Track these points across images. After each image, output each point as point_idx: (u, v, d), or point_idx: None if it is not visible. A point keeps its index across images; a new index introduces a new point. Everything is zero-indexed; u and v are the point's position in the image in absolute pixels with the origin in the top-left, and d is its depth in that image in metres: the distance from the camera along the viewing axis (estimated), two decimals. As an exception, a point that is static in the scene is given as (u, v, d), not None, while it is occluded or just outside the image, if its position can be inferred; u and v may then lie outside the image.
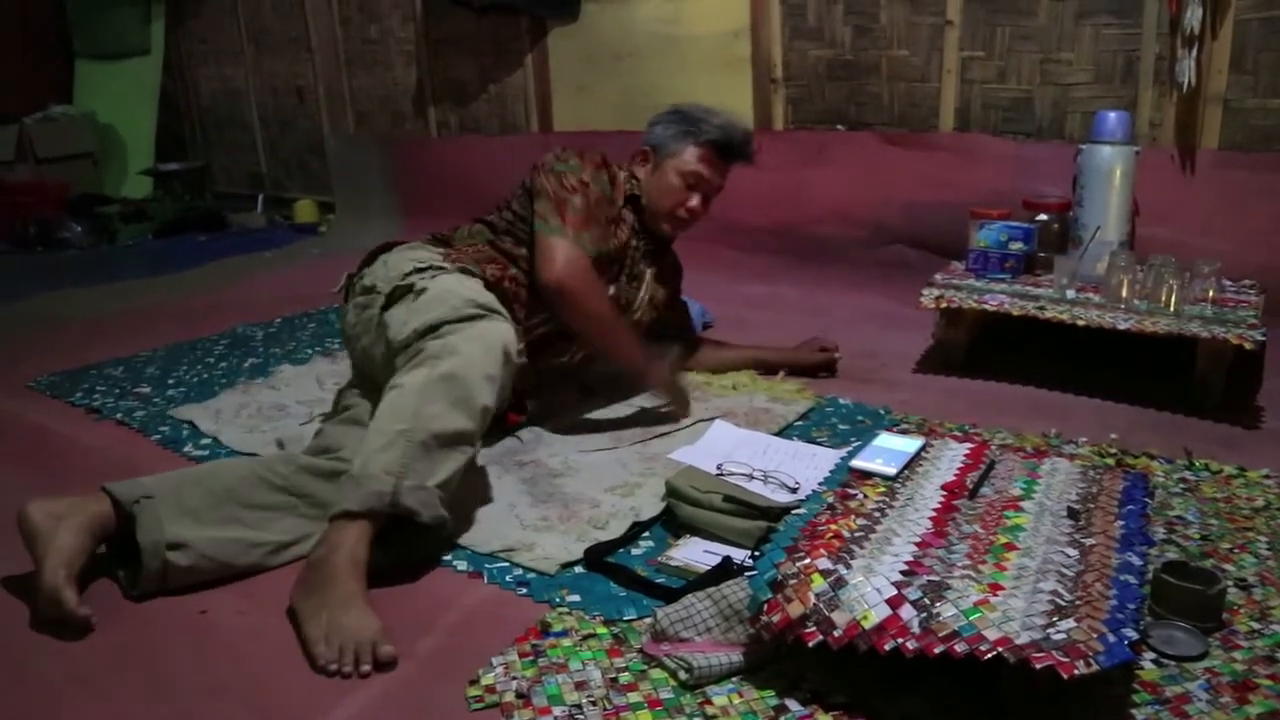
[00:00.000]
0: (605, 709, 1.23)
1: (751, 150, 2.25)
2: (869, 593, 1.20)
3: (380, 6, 4.68)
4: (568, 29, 4.04)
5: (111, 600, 1.53)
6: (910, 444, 1.66)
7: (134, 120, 5.68)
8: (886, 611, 1.18)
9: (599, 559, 1.58)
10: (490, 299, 1.77)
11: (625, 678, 1.29)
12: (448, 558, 1.62)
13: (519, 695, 1.26)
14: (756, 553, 1.49)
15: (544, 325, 2.07)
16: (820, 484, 1.56)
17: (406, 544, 1.56)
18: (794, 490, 1.71)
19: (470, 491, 1.79)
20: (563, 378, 2.25)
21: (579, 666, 1.32)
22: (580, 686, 1.27)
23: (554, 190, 2.01)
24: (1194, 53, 2.78)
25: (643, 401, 2.22)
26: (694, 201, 2.21)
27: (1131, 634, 1.14)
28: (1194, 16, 2.74)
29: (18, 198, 4.99)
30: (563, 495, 1.81)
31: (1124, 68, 2.97)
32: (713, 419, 2.11)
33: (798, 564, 1.27)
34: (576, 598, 1.49)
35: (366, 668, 1.31)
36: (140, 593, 1.50)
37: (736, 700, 1.24)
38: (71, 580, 1.42)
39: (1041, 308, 2.31)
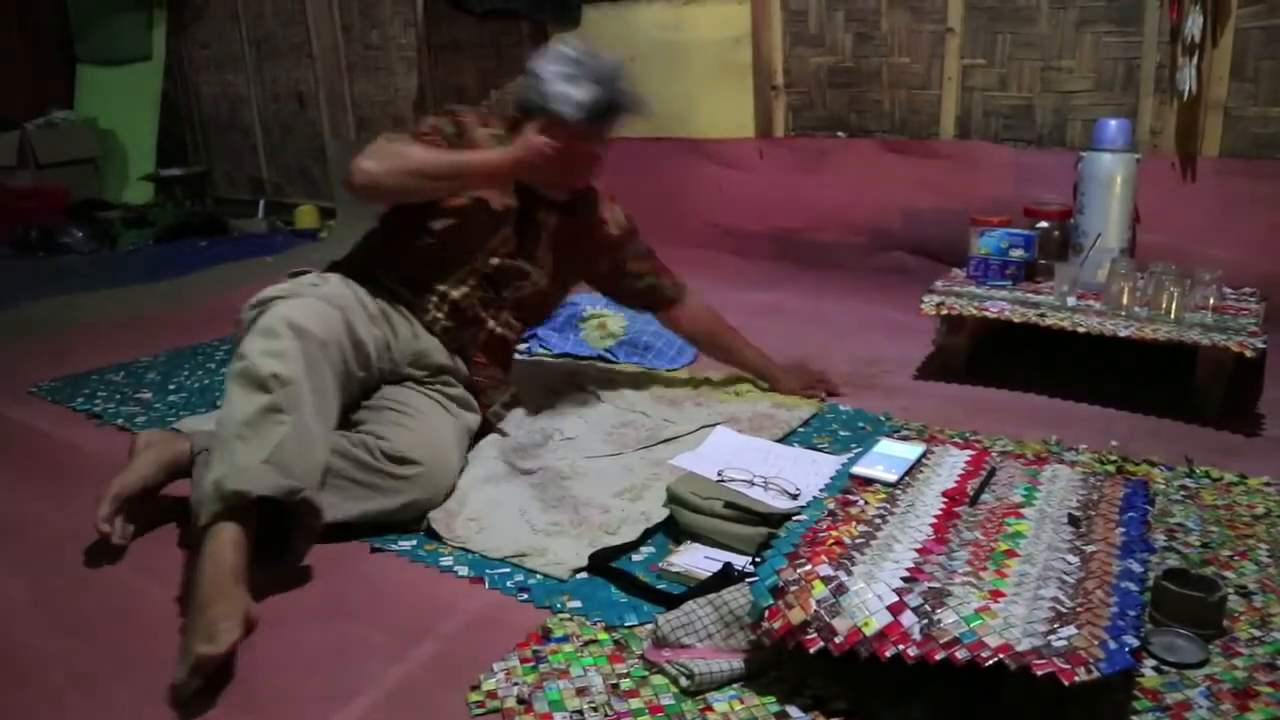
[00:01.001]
0: (606, 715, 1.23)
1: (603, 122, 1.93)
2: (870, 599, 1.21)
3: (381, 12, 4.69)
4: (568, 34, 4.06)
5: (113, 603, 1.54)
6: (911, 451, 1.66)
7: (135, 125, 5.69)
8: (888, 618, 1.18)
9: (603, 563, 1.58)
10: (301, 282, 1.80)
11: (626, 684, 1.29)
12: (449, 562, 1.62)
13: (520, 701, 1.26)
14: (757, 559, 1.49)
15: (468, 278, 1.99)
16: (821, 490, 1.57)
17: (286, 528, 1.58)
18: (795, 496, 1.71)
19: (479, 497, 1.80)
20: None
21: (580, 672, 1.32)
22: (582, 692, 1.27)
23: None
24: (1195, 61, 2.79)
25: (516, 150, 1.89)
26: (573, 169, 1.98)
27: (1132, 641, 1.14)
28: (1194, 25, 2.75)
29: (19, 203, 5.00)
30: (573, 499, 1.81)
31: (1125, 75, 2.98)
32: (715, 425, 2.11)
33: (799, 570, 1.27)
34: (578, 604, 1.49)
35: (197, 683, 1.29)
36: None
37: (738, 706, 1.24)
38: (119, 500, 1.67)
39: (1042, 315, 2.32)
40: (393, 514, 1.72)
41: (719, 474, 1.78)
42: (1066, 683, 1.07)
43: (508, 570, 1.60)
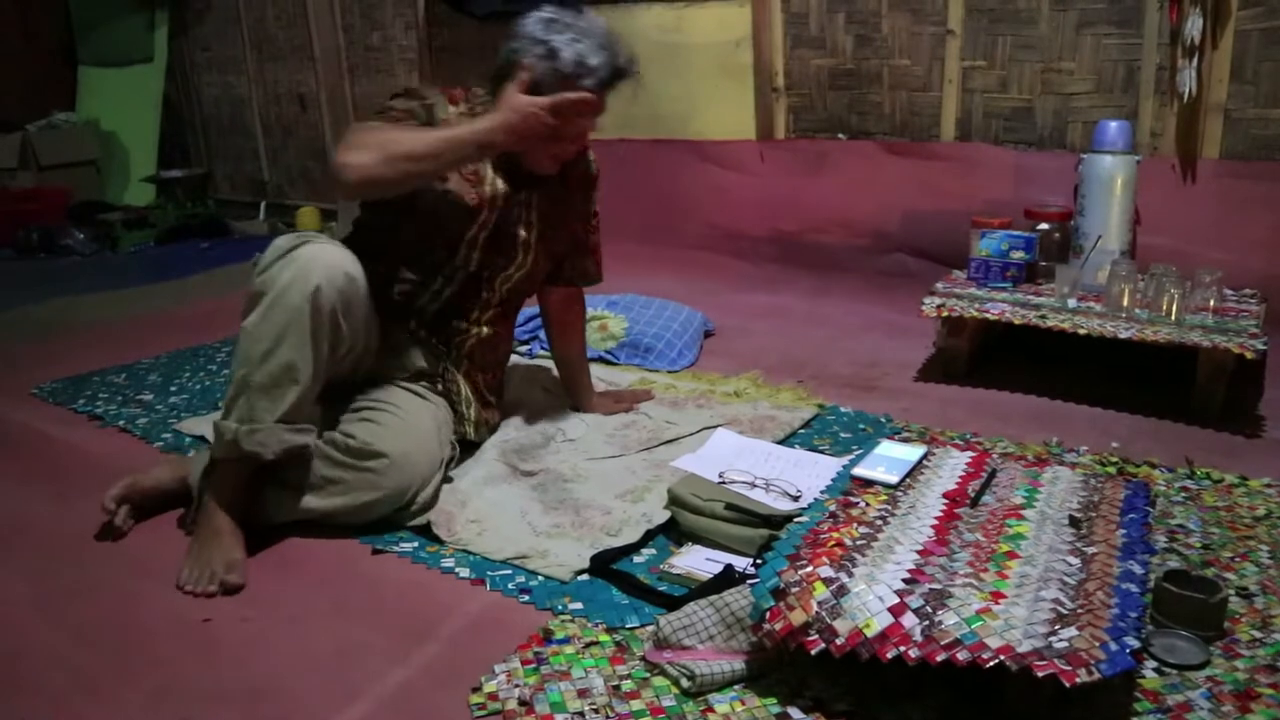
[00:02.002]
0: (608, 716, 1.23)
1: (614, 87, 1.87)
2: (871, 601, 1.21)
3: (383, 14, 4.70)
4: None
5: (115, 605, 1.54)
6: (912, 452, 1.66)
7: (137, 127, 5.70)
8: (889, 619, 1.18)
9: (604, 565, 1.58)
10: (313, 234, 1.76)
11: (628, 685, 1.29)
12: (450, 564, 1.62)
13: (521, 703, 1.26)
14: (759, 560, 1.49)
15: (449, 282, 1.92)
16: (822, 492, 1.57)
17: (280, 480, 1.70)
18: (796, 498, 1.71)
19: (480, 499, 1.80)
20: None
21: (581, 674, 1.32)
22: (583, 694, 1.27)
23: None
24: (1194, 63, 2.79)
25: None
26: (576, 140, 1.92)
27: (1133, 642, 1.14)
28: (1194, 27, 2.75)
29: (20, 205, 5.00)
30: (574, 501, 1.81)
31: (1125, 77, 2.98)
32: (716, 426, 2.12)
33: (800, 572, 1.27)
34: (579, 605, 1.49)
35: (213, 588, 1.55)
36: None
37: (739, 708, 1.24)
38: (130, 488, 1.78)
39: (1043, 317, 2.32)
40: (366, 508, 1.71)
41: (720, 476, 1.78)
42: (1068, 684, 1.07)
43: (509, 572, 1.60)
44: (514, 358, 2.34)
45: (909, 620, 1.18)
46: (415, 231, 1.87)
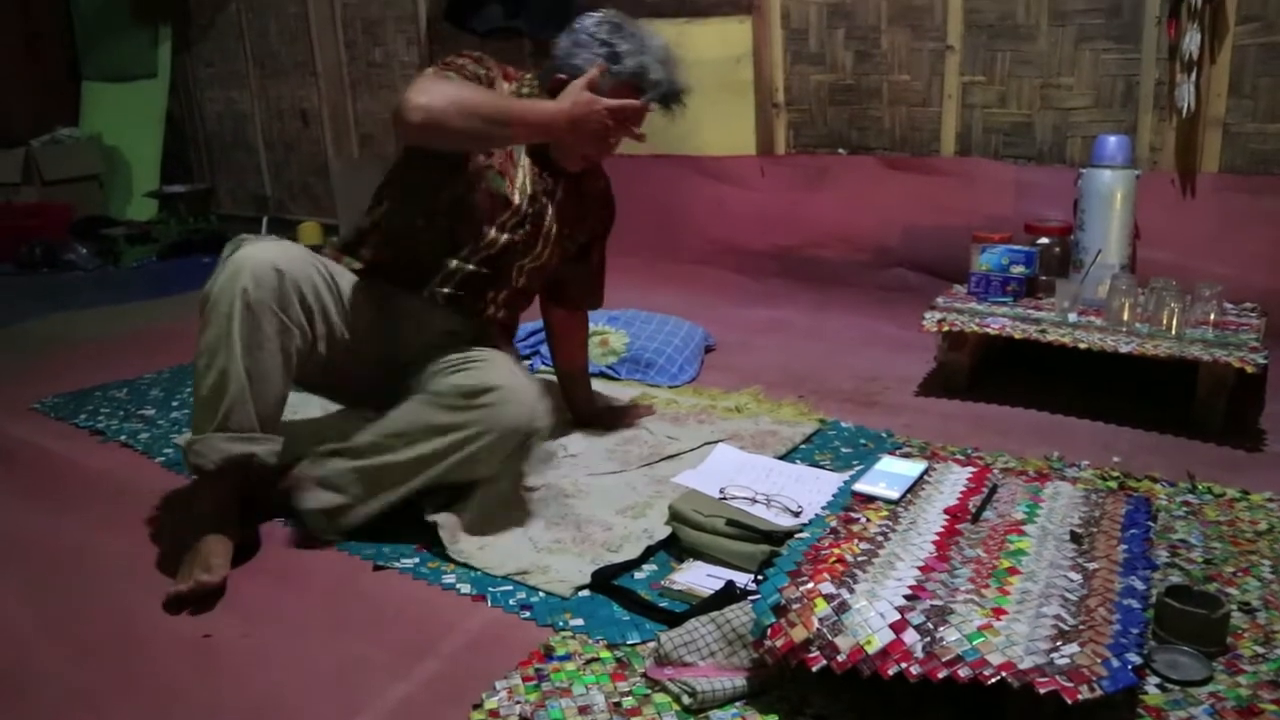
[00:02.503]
0: (609, 733, 1.23)
1: (672, 102, 1.90)
2: (872, 617, 1.21)
3: (385, 30, 4.72)
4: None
5: (116, 622, 1.54)
6: (913, 468, 1.66)
7: (140, 143, 5.72)
8: (890, 636, 1.18)
9: (605, 581, 1.58)
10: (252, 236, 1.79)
11: (629, 702, 1.29)
12: (451, 580, 1.62)
13: (523, 719, 1.25)
14: (760, 577, 1.49)
15: (470, 259, 1.89)
16: (823, 508, 1.57)
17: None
18: (797, 514, 1.71)
19: (481, 513, 1.79)
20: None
21: (583, 690, 1.31)
22: (584, 710, 1.27)
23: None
24: (1193, 78, 2.80)
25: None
26: (610, 144, 1.91)
27: (1135, 658, 1.14)
28: (1193, 42, 2.76)
29: (23, 220, 5.01)
30: (575, 517, 1.81)
31: (1124, 92, 2.99)
32: (718, 442, 2.12)
33: (801, 588, 1.27)
34: (580, 621, 1.49)
35: (183, 587, 1.56)
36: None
37: (740, 725, 1.24)
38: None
39: (1043, 331, 2.32)
40: (492, 448, 1.69)
41: (721, 491, 1.78)
42: (1070, 701, 1.07)
43: (510, 588, 1.60)
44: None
45: (910, 637, 1.18)
46: (451, 199, 1.84)
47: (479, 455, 1.70)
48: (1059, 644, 1.15)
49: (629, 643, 1.43)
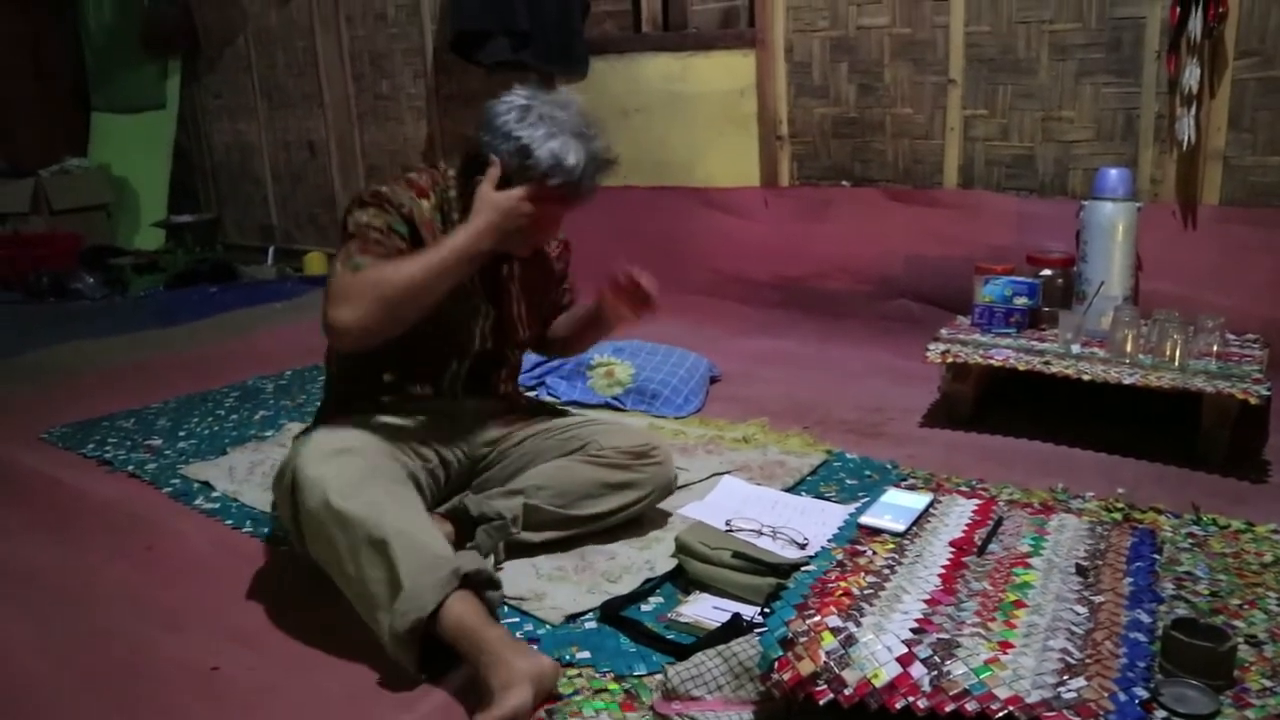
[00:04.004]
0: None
1: (593, 182, 1.75)
2: (879, 650, 1.21)
3: (392, 63, 4.77)
4: (576, 86, 4.11)
5: (123, 652, 1.54)
6: (918, 500, 1.67)
7: (148, 173, 5.77)
8: (897, 669, 1.19)
9: (614, 613, 1.59)
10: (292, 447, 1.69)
11: (636, 735, 1.29)
12: (458, 612, 1.62)
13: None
14: (766, 610, 1.49)
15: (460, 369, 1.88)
16: (829, 540, 1.57)
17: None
18: (803, 546, 1.71)
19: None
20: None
21: (592, 714, 1.33)
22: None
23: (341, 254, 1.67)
24: (1193, 111, 2.82)
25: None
26: (552, 230, 1.84)
27: (1142, 692, 1.14)
28: (1192, 76, 2.79)
29: (31, 249, 5.05)
30: (580, 546, 1.83)
31: (1124, 125, 3.02)
32: (724, 473, 2.12)
33: (808, 621, 1.27)
34: (586, 654, 1.49)
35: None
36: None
37: (748, 759, 1.24)
38: None
39: (1047, 363, 2.33)
40: (655, 499, 1.91)
41: (727, 523, 1.79)
42: (1077, 735, 1.07)
43: (517, 619, 1.60)
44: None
45: (917, 670, 1.18)
46: (424, 339, 1.77)
47: (645, 509, 1.89)
48: (1066, 678, 1.15)
49: (636, 674, 1.43)
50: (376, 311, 1.58)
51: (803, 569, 1.47)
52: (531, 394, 2.68)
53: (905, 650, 1.20)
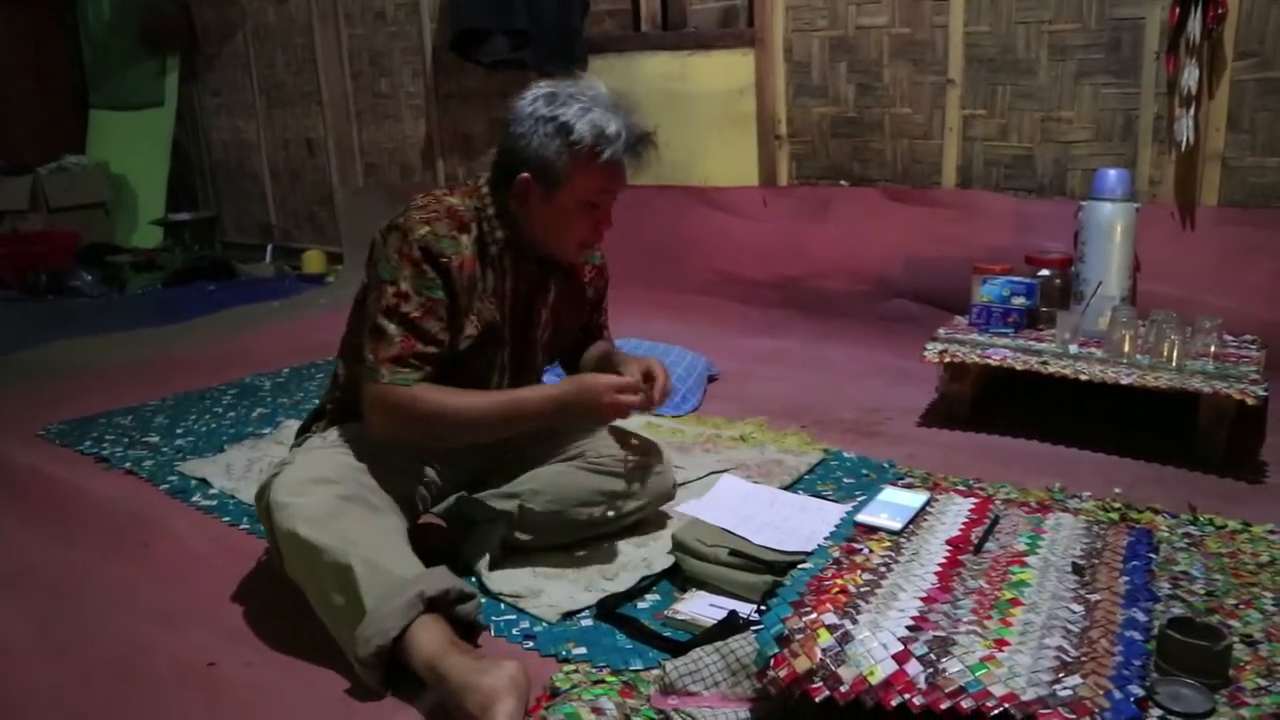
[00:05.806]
0: (627, 716, 1.25)
1: (640, 150, 1.69)
2: (875, 648, 1.21)
3: (391, 61, 4.77)
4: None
5: (120, 649, 1.54)
6: (915, 499, 1.67)
7: (146, 171, 5.76)
8: (893, 667, 1.19)
9: (611, 610, 1.59)
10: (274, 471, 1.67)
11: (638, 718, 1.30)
12: (454, 609, 1.62)
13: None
14: (763, 607, 1.49)
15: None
16: (826, 538, 1.57)
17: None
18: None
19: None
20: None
21: (592, 698, 1.33)
22: (597, 711, 1.29)
23: (374, 310, 1.65)
24: (1192, 112, 2.83)
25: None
26: (602, 221, 1.73)
27: (1138, 691, 1.14)
28: (1191, 77, 2.79)
29: (30, 247, 5.06)
30: (578, 543, 1.83)
31: (1123, 126, 3.02)
32: (722, 471, 2.12)
33: (804, 619, 1.27)
34: (583, 650, 1.49)
35: None
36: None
37: (743, 756, 1.24)
38: None
39: (1044, 363, 2.33)
40: (653, 506, 1.92)
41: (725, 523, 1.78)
42: (1072, 733, 1.07)
43: (514, 617, 1.60)
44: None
45: (913, 668, 1.18)
46: (442, 367, 1.68)
47: (644, 516, 1.90)
48: (1061, 676, 1.15)
49: (633, 669, 1.43)
50: (418, 435, 1.66)
51: (799, 567, 1.47)
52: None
53: (901, 648, 1.20)
